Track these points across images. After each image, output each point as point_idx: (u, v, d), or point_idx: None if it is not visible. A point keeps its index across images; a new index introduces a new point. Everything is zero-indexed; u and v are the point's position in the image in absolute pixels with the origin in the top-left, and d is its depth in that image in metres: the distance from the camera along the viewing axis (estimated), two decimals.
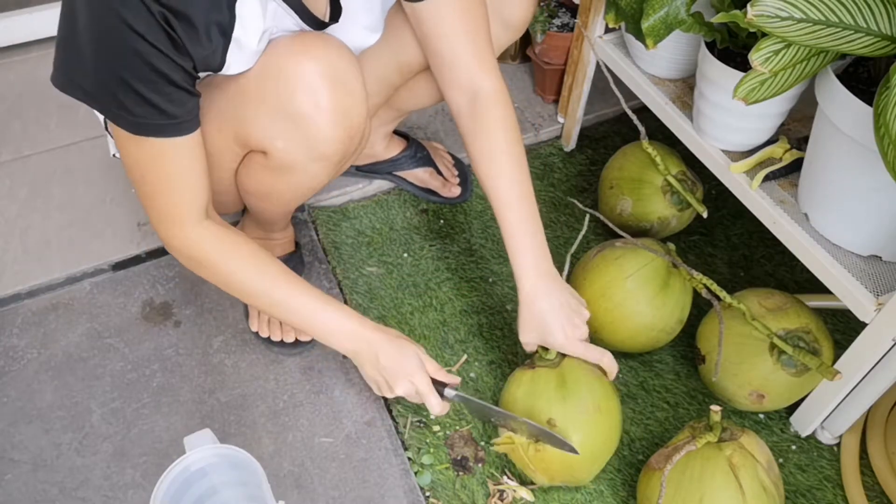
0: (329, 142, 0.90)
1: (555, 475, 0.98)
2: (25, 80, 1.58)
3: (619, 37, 1.31)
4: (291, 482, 1.04)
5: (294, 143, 0.89)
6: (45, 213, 1.34)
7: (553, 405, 0.96)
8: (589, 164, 1.49)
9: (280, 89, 0.85)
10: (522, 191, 1.01)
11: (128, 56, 0.73)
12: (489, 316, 1.24)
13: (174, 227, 0.89)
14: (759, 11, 0.75)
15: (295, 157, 0.91)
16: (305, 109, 0.86)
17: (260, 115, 0.88)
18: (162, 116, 0.79)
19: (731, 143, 1.10)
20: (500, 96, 1.01)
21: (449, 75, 1.01)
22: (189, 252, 0.91)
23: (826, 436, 1.10)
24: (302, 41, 0.86)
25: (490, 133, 1.00)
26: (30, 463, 1.05)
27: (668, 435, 1.11)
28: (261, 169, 0.96)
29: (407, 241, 1.34)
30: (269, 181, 0.98)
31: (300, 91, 0.85)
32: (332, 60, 0.86)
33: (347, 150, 0.94)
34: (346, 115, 0.89)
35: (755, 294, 1.08)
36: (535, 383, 0.99)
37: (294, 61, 0.85)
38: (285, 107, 0.86)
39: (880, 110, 0.74)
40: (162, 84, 0.76)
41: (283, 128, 0.88)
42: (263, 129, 0.89)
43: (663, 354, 1.20)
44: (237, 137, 0.93)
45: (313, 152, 0.91)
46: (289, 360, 1.17)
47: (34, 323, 1.20)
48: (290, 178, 0.96)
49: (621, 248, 1.12)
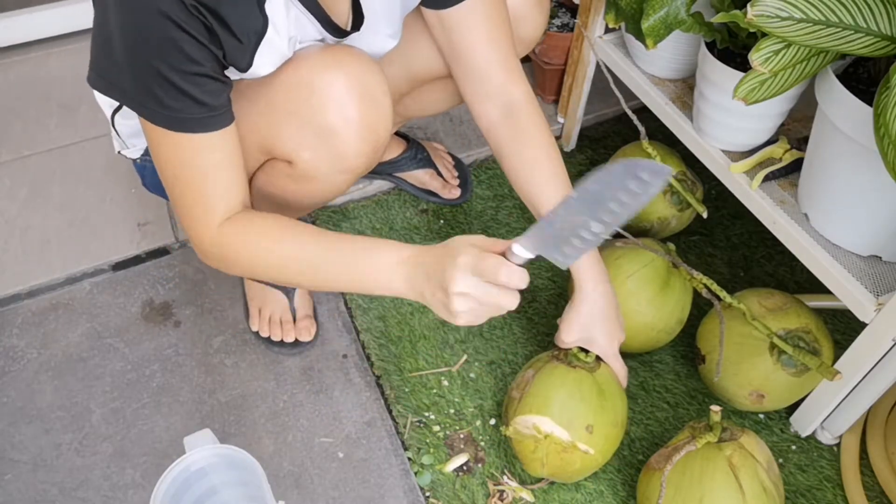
0: (355, 156, 0.90)
1: (556, 470, 0.98)
2: (25, 80, 1.58)
3: (619, 37, 1.31)
4: (291, 482, 1.04)
5: (321, 155, 0.89)
6: (45, 213, 1.34)
7: (595, 413, 0.96)
8: (589, 165, 1.49)
9: (311, 102, 0.85)
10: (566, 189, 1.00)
11: (162, 45, 0.72)
12: None
13: (207, 230, 0.84)
14: (759, 11, 0.75)
15: (319, 169, 0.91)
16: (335, 123, 0.86)
17: (288, 126, 0.88)
18: (199, 108, 0.78)
19: (731, 144, 1.10)
20: (533, 102, 1.01)
21: (478, 87, 1.01)
22: (220, 252, 0.85)
23: (826, 436, 1.10)
24: (333, 54, 0.86)
25: (532, 140, 1.00)
26: (30, 463, 1.05)
27: (668, 435, 1.11)
28: (283, 177, 0.96)
29: (407, 241, 1.34)
30: (290, 189, 0.98)
31: (330, 105, 0.85)
32: (361, 75, 0.86)
33: (371, 163, 0.94)
34: (373, 129, 0.89)
35: (755, 294, 1.08)
36: (579, 386, 0.97)
37: (325, 74, 0.84)
38: (315, 119, 0.86)
39: (880, 110, 0.74)
40: (197, 74, 0.76)
41: (311, 140, 0.88)
42: (291, 140, 0.89)
43: (663, 354, 1.20)
44: (262, 146, 0.92)
45: (339, 165, 0.91)
46: (289, 360, 1.17)
47: (34, 323, 1.20)
48: (313, 187, 0.96)
49: (622, 248, 1.12)
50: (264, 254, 0.85)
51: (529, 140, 1.00)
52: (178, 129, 0.78)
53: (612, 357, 1.01)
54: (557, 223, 0.73)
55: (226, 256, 0.86)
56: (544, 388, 0.98)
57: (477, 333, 1.22)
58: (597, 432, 0.96)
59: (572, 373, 0.99)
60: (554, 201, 0.95)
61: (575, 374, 0.99)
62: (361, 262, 0.82)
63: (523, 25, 1.09)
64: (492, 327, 1.23)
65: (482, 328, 1.22)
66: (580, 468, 0.98)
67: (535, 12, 1.10)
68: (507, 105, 1.00)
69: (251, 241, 0.84)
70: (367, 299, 1.25)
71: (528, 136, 1.00)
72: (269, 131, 0.90)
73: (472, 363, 1.18)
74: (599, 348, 1.00)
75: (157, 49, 0.73)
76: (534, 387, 0.99)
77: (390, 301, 1.25)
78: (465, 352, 1.19)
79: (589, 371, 0.99)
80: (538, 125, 1.00)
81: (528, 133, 1.00)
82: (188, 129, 0.79)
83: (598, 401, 0.97)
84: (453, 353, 1.19)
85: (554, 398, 0.97)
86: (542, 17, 1.11)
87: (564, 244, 0.73)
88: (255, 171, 0.99)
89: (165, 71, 0.74)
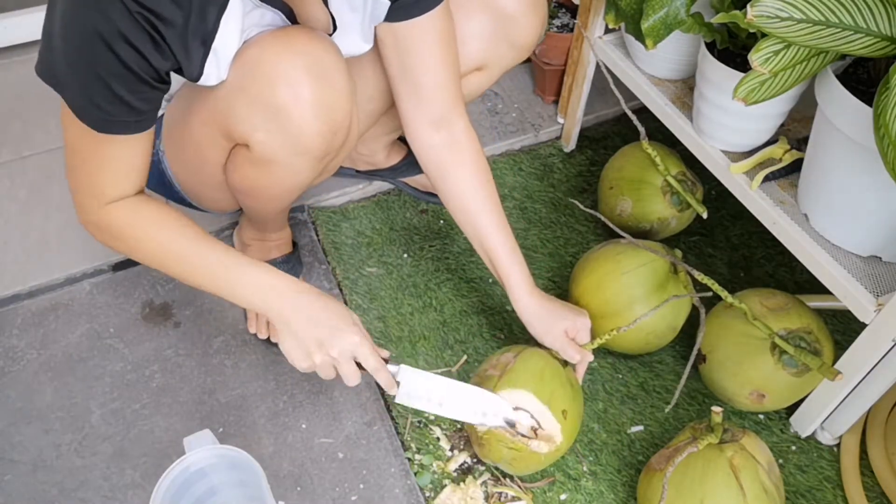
0: (310, 135, 0.89)
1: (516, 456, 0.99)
2: (25, 81, 1.58)
3: (618, 37, 1.31)
4: (291, 482, 1.04)
5: (274, 136, 0.89)
6: (45, 213, 1.34)
7: (569, 401, 1.00)
8: (589, 165, 1.49)
9: (261, 81, 0.85)
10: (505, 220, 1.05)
11: (105, 54, 0.74)
12: (489, 316, 1.24)
13: (92, 208, 0.88)
14: (759, 12, 0.75)
15: (276, 150, 0.91)
16: (285, 101, 0.85)
17: (241, 107, 0.88)
18: (131, 114, 0.80)
19: (730, 144, 1.10)
20: (473, 135, 1.03)
21: (421, 107, 1.00)
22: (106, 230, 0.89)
23: (826, 436, 1.10)
24: (286, 34, 0.86)
25: (468, 168, 1.03)
26: (30, 463, 1.05)
27: (667, 435, 1.11)
28: (245, 162, 0.96)
29: (407, 241, 1.34)
30: (252, 175, 0.98)
31: (281, 83, 0.85)
32: (316, 55, 0.86)
33: (330, 146, 0.93)
34: (329, 109, 0.89)
35: (757, 294, 1.08)
36: (558, 373, 1.01)
37: (277, 54, 0.84)
38: (266, 98, 0.86)
39: (880, 111, 0.74)
40: (137, 83, 0.77)
41: (263, 119, 0.87)
42: (244, 121, 0.89)
43: (663, 355, 1.20)
44: (221, 129, 0.93)
45: (294, 146, 0.90)
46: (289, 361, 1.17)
47: (34, 323, 1.20)
48: (273, 172, 0.96)
49: (624, 245, 1.12)
50: (146, 240, 0.89)
51: (465, 168, 1.03)
52: (107, 131, 0.81)
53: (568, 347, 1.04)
54: (429, 383, 0.94)
55: (112, 235, 0.90)
56: (528, 367, 1.01)
57: (477, 334, 1.22)
58: (569, 419, 0.99)
59: (552, 360, 1.02)
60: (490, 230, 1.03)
61: (554, 362, 1.02)
62: (237, 271, 0.89)
63: (517, 28, 1.07)
64: (492, 328, 1.23)
65: (482, 329, 1.22)
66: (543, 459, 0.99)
67: (531, 15, 1.07)
68: (448, 131, 1.02)
69: (137, 226, 0.89)
70: (367, 300, 1.25)
71: (464, 163, 1.03)
72: (226, 113, 0.90)
73: (472, 363, 1.18)
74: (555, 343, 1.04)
75: (99, 56, 0.74)
76: (517, 365, 1.01)
77: (390, 302, 1.25)
78: (465, 352, 1.19)
79: (562, 364, 1.03)
80: (478, 155, 1.03)
81: (465, 162, 1.03)
82: (116, 131, 0.81)
83: (571, 391, 1.01)
84: (453, 354, 1.19)
85: (538, 375, 1.00)
86: (538, 20, 1.09)
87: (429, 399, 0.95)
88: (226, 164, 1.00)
89: (106, 76, 0.76)
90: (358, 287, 1.27)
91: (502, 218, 1.04)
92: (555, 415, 0.97)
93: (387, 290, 1.27)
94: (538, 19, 1.09)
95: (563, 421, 0.98)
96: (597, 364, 1.19)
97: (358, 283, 1.27)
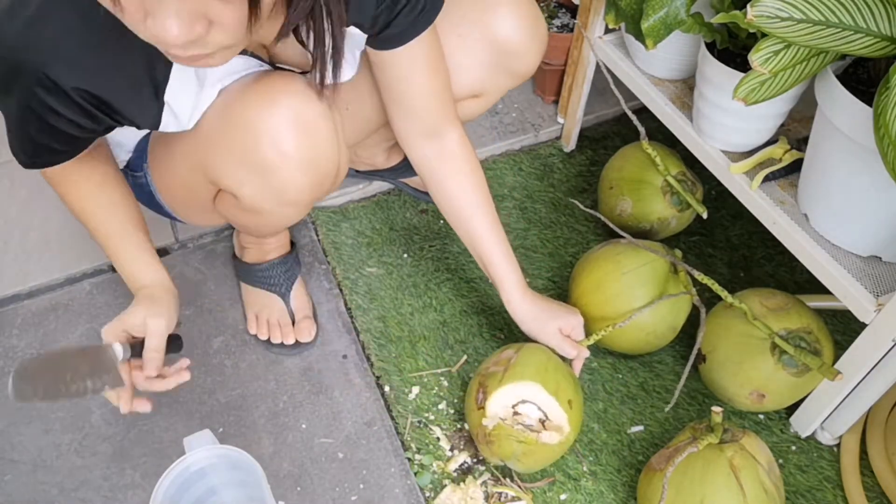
0: (297, 190, 0.89)
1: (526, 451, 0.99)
2: None
3: (618, 37, 1.31)
4: (291, 482, 1.04)
5: (262, 191, 0.88)
6: (45, 213, 1.34)
7: (573, 391, 1.02)
8: (589, 165, 1.49)
9: (245, 138, 0.84)
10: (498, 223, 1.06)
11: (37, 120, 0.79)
12: (489, 316, 1.24)
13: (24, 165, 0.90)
14: (759, 12, 0.75)
15: (263, 203, 0.90)
16: (271, 159, 0.84)
17: (226, 164, 0.87)
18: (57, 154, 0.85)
19: (730, 144, 1.10)
20: (467, 144, 1.03)
21: (412, 123, 1.00)
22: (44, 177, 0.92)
23: (826, 436, 1.10)
24: (267, 86, 0.84)
25: (460, 176, 1.03)
26: (29, 463, 1.05)
27: (667, 435, 1.11)
28: (233, 208, 0.96)
29: (407, 241, 1.34)
30: (242, 219, 1.00)
31: (265, 141, 0.83)
32: (298, 108, 0.84)
33: (317, 195, 0.93)
34: (314, 163, 0.87)
35: (757, 294, 1.08)
36: (560, 365, 1.03)
37: (259, 109, 0.83)
38: (251, 156, 0.85)
39: (880, 111, 0.74)
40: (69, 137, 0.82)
41: (250, 177, 0.87)
42: (230, 177, 0.88)
43: (663, 355, 1.20)
44: (208, 178, 0.92)
45: (281, 199, 0.89)
46: (288, 361, 1.17)
47: (34, 323, 1.20)
48: (262, 219, 0.97)
49: (624, 245, 1.12)
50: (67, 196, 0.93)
51: (459, 172, 1.03)
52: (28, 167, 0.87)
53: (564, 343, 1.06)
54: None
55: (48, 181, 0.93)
56: (531, 360, 1.02)
57: (477, 334, 1.22)
58: (574, 409, 1.00)
59: (552, 354, 1.04)
60: (483, 234, 1.04)
61: (554, 356, 1.04)
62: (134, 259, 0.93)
63: (517, 59, 1.06)
64: (492, 328, 1.23)
65: (482, 329, 1.22)
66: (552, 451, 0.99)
67: (530, 45, 1.05)
68: (440, 142, 1.01)
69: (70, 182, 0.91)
70: (366, 300, 1.25)
71: (458, 168, 1.03)
72: (212, 168, 0.89)
73: (472, 364, 1.18)
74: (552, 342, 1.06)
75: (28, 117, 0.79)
76: (520, 359, 1.02)
77: (390, 302, 1.25)
78: (465, 352, 1.19)
79: (561, 359, 1.05)
80: (471, 159, 1.04)
81: (458, 166, 1.03)
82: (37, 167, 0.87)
83: (574, 384, 1.02)
84: (453, 354, 1.19)
85: (542, 367, 1.01)
86: (538, 49, 1.07)
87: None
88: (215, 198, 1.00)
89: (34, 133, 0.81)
90: (358, 287, 1.27)
91: (495, 221, 1.05)
92: (561, 405, 0.98)
93: (387, 290, 1.27)
94: (538, 49, 1.07)
95: (569, 411, 0.99)
96: (597, 364, 1.19)
97: (358, 283, 1.27)
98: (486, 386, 1.01)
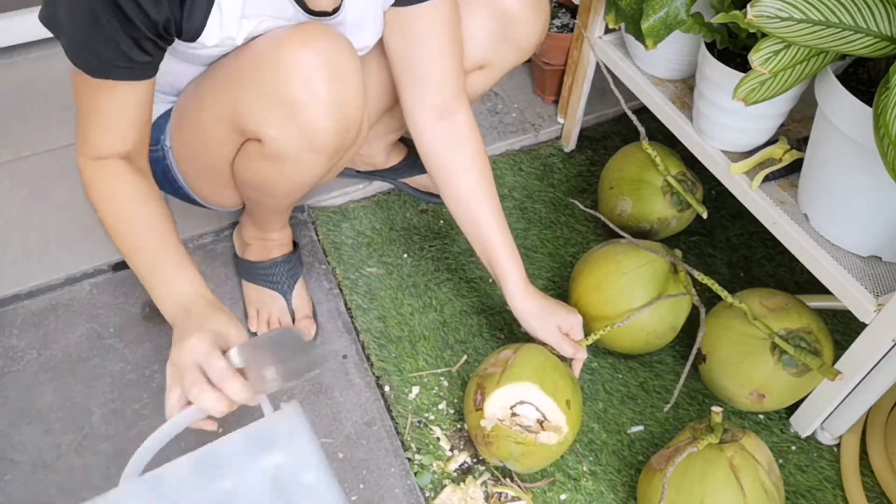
0: (323, 132, 0.90)
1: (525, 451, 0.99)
2: (25, 80, 1.58)
3: (618, 37, 1.31)
4: None
5: (288, 132, 0.89)
6: (45, 213, 1.34)
7: (572, 392, 1.01)
8: (589, 165, 1.49)
9: (276, 77, 0.85)
10: (502, 214, 1.06)
11: (104, 4, 0.75)
12: (489, 316, 1.24)
13: (82, 157, 0.88)
14: (759, 12, 0.75)
15: (288, 146, 0.91)
16: (301, 98, 0.86)
17: (255, 102, 0.88)
18: (125, 61, 0.80)
19: (730, 144, 1.10)
20: (475, 127, 1.04)
21: (424, 95, 1.01)
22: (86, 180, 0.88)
23: (826, 436, 1.10)
24: (302, 31, 0.86)
25: (468, 160, 1.03)
26: (30, 463, 1.05)
27: (667, 435, 1.11)
28: (256, 157, 0.96)
29: (407, 241, 1.34)
30: (263, 170, 0.98)
31: (296, 80, 0.85)
32: (331, 52, 0.86)
33: (342, 143, 0.94)
34: (342, 106, 0.89)
35: (757, 294, 1.08)
36: (559, 366, 1.03)
37: (293, 50, 0.85)
38: (280, 94, 0.86)
39: (880, 111, 0.74)
40: (134, 32, 0.78)
41: (277, 115, 0.88)
42: (258, 116, 0.89)
43: (663, 355, 1.20)
44: (234, 124, 0.93)
45: (307, 142, 0.90)
46: None
47: (34, 323, 1.20)
48: (284, 168, 0.96)
49: (624, 245, 1.12)
50: (103, 205, 0.87)
51: (467, 159, 1.04)
52: (96, 75, 0.81)
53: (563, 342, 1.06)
54: (271, 348, 0.76)
55: (87, 187, 0.88)
56: (529, 361, 1.02)
57: (477, 334, 1.22)
58: (573, 409, 1.00)
59: (551, 355, 1.04)
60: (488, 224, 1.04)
61: (553, 356, 1.04)
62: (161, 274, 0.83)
63: (520, 30, 1.08)
64: (492, 328, 1.23)
65: (482, 329, 1.22)
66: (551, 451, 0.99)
67: (533, 17, 1.08)
68: (450, 120, 1.02)
69: (106, 188, 0.87)
70: (367, 300, 1.25)
71: (466, 155, 1.04)
72: (239, 108, 0.90)
73: (472, 364, 1.18)
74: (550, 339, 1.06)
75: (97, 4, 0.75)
76: (517, 360, 1.02)
77: (390, 302, 1.25)
78: (465, 352, 1.19)
79: (560, 359, 1.05)
80: (479, 147, 1.04)
81: (467, 152, 1.04)
82: (105, 76, 0.81)
83: (572, 384, 1.02)
84: (453, 354, 1.19)
85: (540, 368, 1.01)
86: (541, 22, 1.10)
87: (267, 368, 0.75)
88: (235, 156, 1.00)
89: (104, 22, 0.76)
90: (358, 287, 1.27)
91: (500, 212, 1.06)
92: (559, 405, 0.98)
93: (387, 290, 1.27)
94: (540, 21, 1.10)
95: (567, 411, 0.99)
96: (597, 364, 1.19)
97: (358, 283, 1.27)
98: (484, 387, 1.01)
